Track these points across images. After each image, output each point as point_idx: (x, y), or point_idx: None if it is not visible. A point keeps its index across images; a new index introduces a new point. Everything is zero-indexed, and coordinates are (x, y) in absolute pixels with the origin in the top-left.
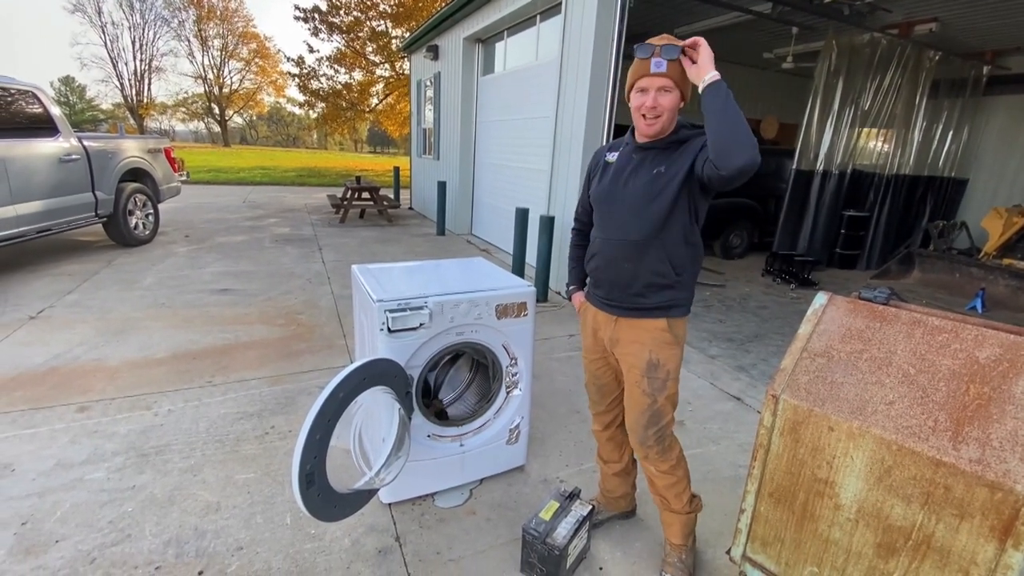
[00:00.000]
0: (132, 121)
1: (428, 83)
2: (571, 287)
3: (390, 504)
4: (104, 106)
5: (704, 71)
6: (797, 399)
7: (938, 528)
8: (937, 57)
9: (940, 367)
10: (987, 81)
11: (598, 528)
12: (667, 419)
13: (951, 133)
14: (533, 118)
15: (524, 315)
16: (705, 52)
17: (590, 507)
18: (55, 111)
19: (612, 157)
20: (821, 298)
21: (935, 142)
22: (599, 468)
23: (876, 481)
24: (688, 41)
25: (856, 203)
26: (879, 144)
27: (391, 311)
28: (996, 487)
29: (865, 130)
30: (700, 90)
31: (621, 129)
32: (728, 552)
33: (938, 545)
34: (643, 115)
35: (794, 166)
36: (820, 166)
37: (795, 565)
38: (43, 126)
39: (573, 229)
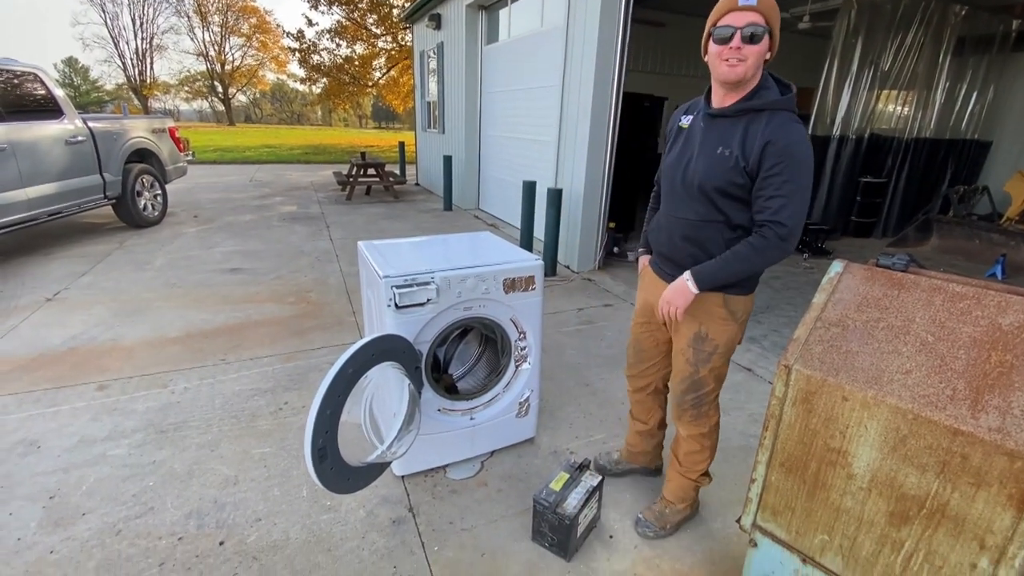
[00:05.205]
0: (136, 101)
1: (431, 54)
2: (640, 250)
3: (403, 476)
4: (108, 87)
5: (690, 296)
6: (810, 369)
7: (953, 497)
8: (963, 12)
9: (960, 335)
10: (1016, 37)
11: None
12: (707, 389)
13: (975, 93)
14: (539, 87)
15: (532, 289)
16: (677, 306)
17: (600, 478)
18: (58, 92)
19: (686, 121)
20: (837, 266)
21: (958, 103)
22: (628, 421)
23: (891, 450)
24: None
25: (873, 169)
26: (899, 107)
27: (398, 287)
28: (1016, 456)
29: (884, 92)
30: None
31: (629, 97)
32: (738, 520)
33: (953, 514)
34: (725, 59)
35: (809, 132)
36: (836, 131)
37: (806, 533)
38: (47, 108)
39: (652, 192)
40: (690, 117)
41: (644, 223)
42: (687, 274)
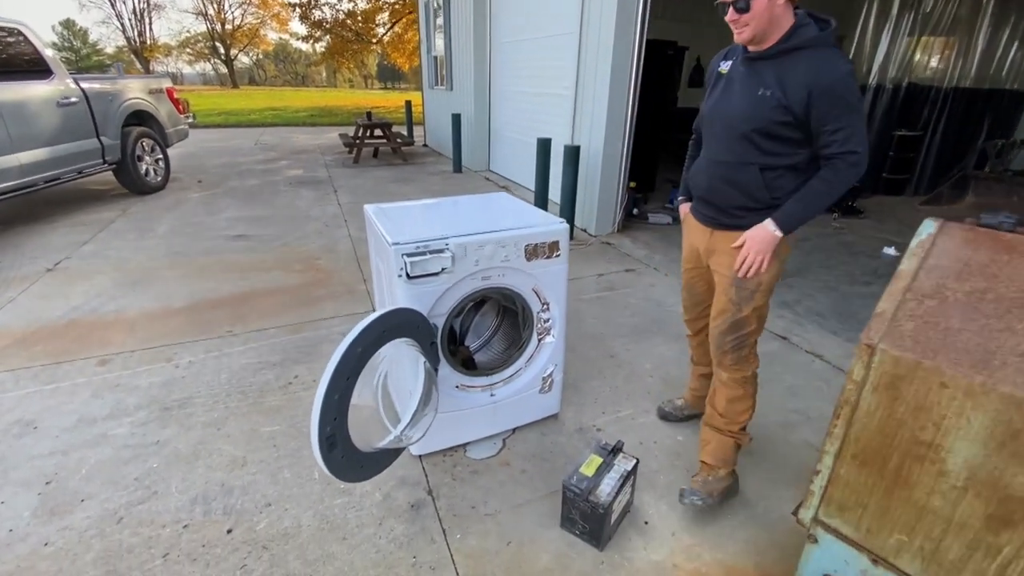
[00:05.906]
0: (139, 65)
1: (437, 4)
2: (680, 197)
3: (421, 456)
4: (108, 50)
5: (774, 242)
6: (900, 350)
7: None
8: None
9: None
10: None
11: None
12: (749, 329)
13: (1018, 39)
14: (554, 35)
15: (556, 255)
16: (764, 256)
17: (635, 461)
18: (46, 50)
19: (725, 67)
20: (929, 226)
21: (1000, 50)
22: (689, 367)
23: (998, 447)
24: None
25: (908, 122)
26: (938, 54)
27: (409, 255)
28: None
29: (924, 38)
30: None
31: (653, 44)
32: (795, 513)
33: None
34: (733, 27)
35: None
36: (873, 80)
37: (879, 532)
38: (34, 68)
39: (691, 140)
40: (729, 62)
41: (684, 171)
42: (768, 221)
